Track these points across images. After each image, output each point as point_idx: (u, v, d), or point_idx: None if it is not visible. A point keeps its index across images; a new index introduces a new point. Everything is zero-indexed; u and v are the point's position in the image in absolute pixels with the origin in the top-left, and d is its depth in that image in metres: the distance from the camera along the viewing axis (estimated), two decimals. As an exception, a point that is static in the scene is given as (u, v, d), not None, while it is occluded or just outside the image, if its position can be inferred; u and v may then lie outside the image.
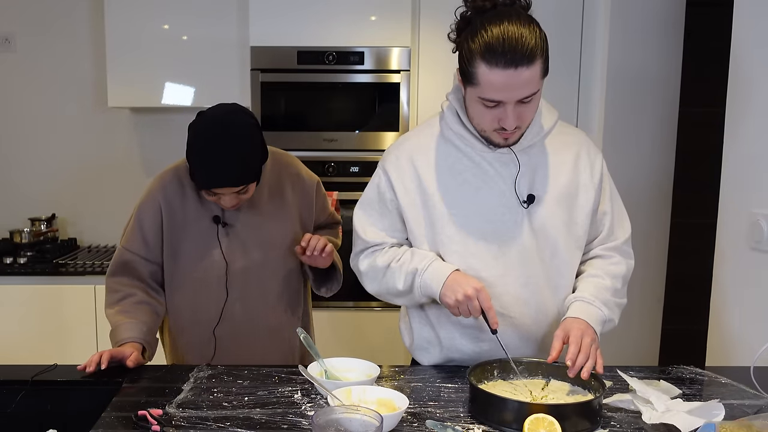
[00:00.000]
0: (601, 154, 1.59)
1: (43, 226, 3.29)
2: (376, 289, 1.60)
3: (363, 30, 2.91)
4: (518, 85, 1.32)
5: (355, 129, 2.97)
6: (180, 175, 1.75)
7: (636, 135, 2.87)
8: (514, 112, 1.37)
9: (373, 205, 1.59)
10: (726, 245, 2.00)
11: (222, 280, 1.74)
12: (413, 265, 1.50)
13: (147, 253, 1.73)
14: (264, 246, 1.77)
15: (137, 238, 1.73)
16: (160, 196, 1.73)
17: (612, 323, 1.51)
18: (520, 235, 1.49)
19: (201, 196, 1.73)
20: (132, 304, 1.69)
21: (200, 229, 1.73)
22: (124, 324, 1.64)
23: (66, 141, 3.40)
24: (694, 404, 1.28)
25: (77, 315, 2.89)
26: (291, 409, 1.33)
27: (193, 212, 1.73)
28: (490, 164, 1.50)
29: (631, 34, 2.80)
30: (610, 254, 1.57)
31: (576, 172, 1.53)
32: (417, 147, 1.55)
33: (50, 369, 1.52)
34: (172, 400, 1.37)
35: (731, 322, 1.97)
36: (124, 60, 3.01)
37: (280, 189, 1.82)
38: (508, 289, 1.50)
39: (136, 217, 1.74)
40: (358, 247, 1.62)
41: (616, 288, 1.53)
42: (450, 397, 1.40)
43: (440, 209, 1.51)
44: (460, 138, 1.51)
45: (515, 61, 1.29)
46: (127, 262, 1.73)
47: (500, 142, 1.46)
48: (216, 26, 3.02)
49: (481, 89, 1.35)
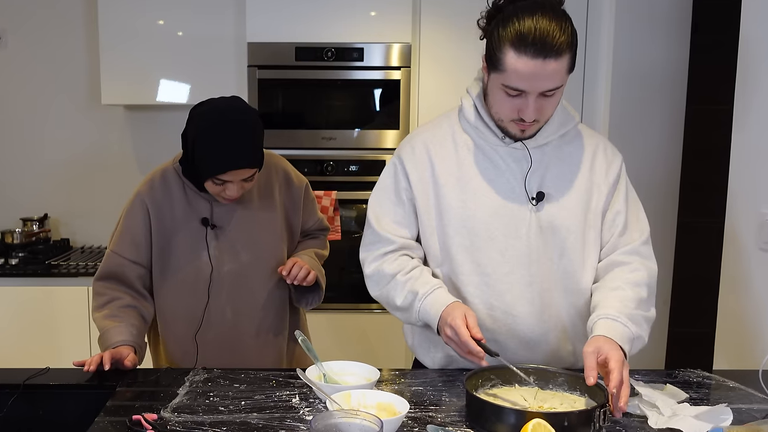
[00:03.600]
0: (622, 157, 1.58)
1: (35, 226, 3.30)
2: (378, 295, 1.61)
3: (363, 25, 2.92)
4: (544, 76, 1.35)
5: (355, 127, 2.97)
6: (167, 177, 1.75)
7: (642, 132, 2.87)
8: (536, 104, 1.39)
9: (388, 194, 1.60)
10: (734, 246, 2.00)
11: (206, 283, 1.75)
12: (417, 286, 1.50)
13: (136, 256, 1.74)
14: (253, 248, 1.78)
15: (126, 241, 1.74)
16: (147, 199, 1.73)
17: (641, 341, 1.43)
18: (527, 233, 1.50)
19: (189, 198, 1.74)
20: (119, 308, 1.70)
21: (189, 231, 1.74)
22: (113, 328, 1.65)
23: (59, 139, 3.40)
24: (702, 409, 1.28)
25: (70, 317, 2.90)
26: (289, 413, 1.33)
27: (181, 214, 1.74)
28: (502, 158, 1.52)
29: (637, 28, 2.80)
30: (628, 260, 1.52)
31: (591, 173, 1.54)
32: (432, 138, 1.58)
33: (42, 372, 1.52)
34: (167, 404, 1.37)
35: (739, 324, 1.97)
36: (118, 56, 3.02)
37: (269, 190, 1.83)
38: (513, 288, 1.51)
39: (124, 220, 1.75)
40: (369, 239, 1.61)
41: (641, 298, 1.47)
42: (451, 402, 1.40)
43: (449, 201, 1.52)
44: (476, 130, 1.54)
45: (544, 52, 1.32)
46: (115, 266, 1.74)
47: (516, 134, 1.48)
48: (212, 22, 3.03)
49: (507, 76, 1.37)
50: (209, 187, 1.68)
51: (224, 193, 1.67)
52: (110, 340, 1.62)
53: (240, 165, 1.62)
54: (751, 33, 1.94)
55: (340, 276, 2.99)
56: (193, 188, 1.74)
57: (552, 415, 1.21)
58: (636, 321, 1.42)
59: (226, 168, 1.61)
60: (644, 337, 1.44)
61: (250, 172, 1.65)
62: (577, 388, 1.39)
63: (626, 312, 1.42)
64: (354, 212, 3.05)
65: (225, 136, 1.61)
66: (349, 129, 2.97)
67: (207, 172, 1.64)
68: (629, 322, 1.40)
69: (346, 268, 2.99)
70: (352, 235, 3.00)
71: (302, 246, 1.93)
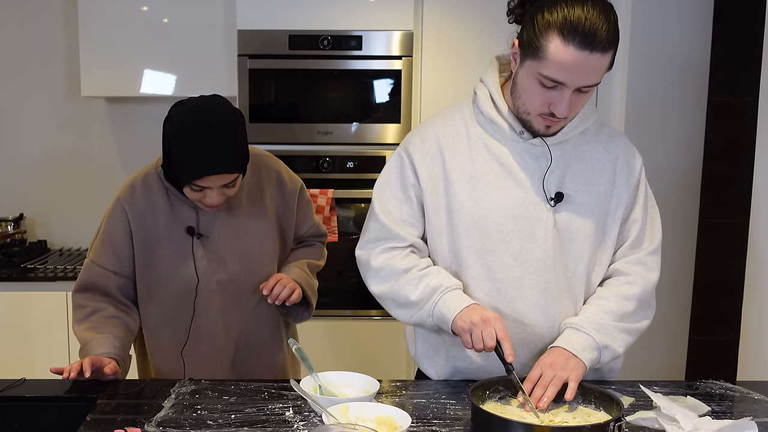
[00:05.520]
0: (641, 159, 1.60)
1: (10, 227, 3.29)
2: (384, 291, 1.58)
3: (361, 12, 2.92)
4: (586, 69, 1.35)
5: (353, 121, 2.97)
6: (149, 182, 1.74)
7: (661, 126, 2.87)
8: (570, 99, 1.39)
9: (393, 190, 1.59)
10: (759, 246, 2.00)
11: (193, 297, 1.74)
12: (439, 281, 1.50)
13: (118, 267, 1.73)
14: (243, 258, 1.77)
15: (106, 252, 1.73)
16: (128, 206, 1.72)
17: (611, 351, 1.48)
18: (544, 236, 1.50)
19: (173, 205, 1.73)
20: (102, 319, 1.69)
21: (173, 241, 1.73)
22: (94, 340, 1.64)
23: (35, 134, 3.40)
24: (725, 422, 1.28)
25: (47, 324, 2.89)
26: (282, 427, 1.33)
27: (164, 222, 1.72)
28: (520, 155, 1.51)
29: (656, 16, 2.80)
30: (628, 270, 1.55)
31: (612, 175, 1.54)
32: (444, 130, 1.57)
33: (18, 384, 1.52)
34: (151, 417, 1.37)
35: (766, 331, 1.97)
36: (99, 45, 3.01)
37: (260, 193, 1.81)
38: (525, 294, 1.51)
39: (104, 229, 1.74)
40: (375, 234, 1.59)
41: (625, 312, 1.51)
42: (456, 415, 1.40)
43: (460, 198, 1.52)
44: (491, 123, 1.53)
45: (592, 44, 1.33)
46: (96, 277, 1.72)
47: (540, 129, 1.48)
48: (200, 8, 3.02)
49: (546, 65, 1.36)
50: (188, 194, 1.66)
51: (204, 200, 1.65)
52: (91, 353, 1.61)
53: (217, 170, 1.58)
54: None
55: (337, 280, 2.99)
56: (176, 194, 1.73)
57: (563, 429, 1.21)
58: (606, 331, 1.48)
59: (201, 173, 1.58)
60: (614, 346, 1.49)
61: (229, 177, 1.61)
62: (591, 401, 1.39)
63: (597, 322, 1.49)
64: (352, 212, 3.05)
65: (201, 138, 1.57)
66: (346, 123, 2.97)
67: (183, 177, 1.62)
68: (594, 332, 1.47)
69: (344, 272, 2.99)
70: (349, 236, 3.00)
71: (294, 255, 1.91)
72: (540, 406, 1.35)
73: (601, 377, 1.62)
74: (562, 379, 1.38)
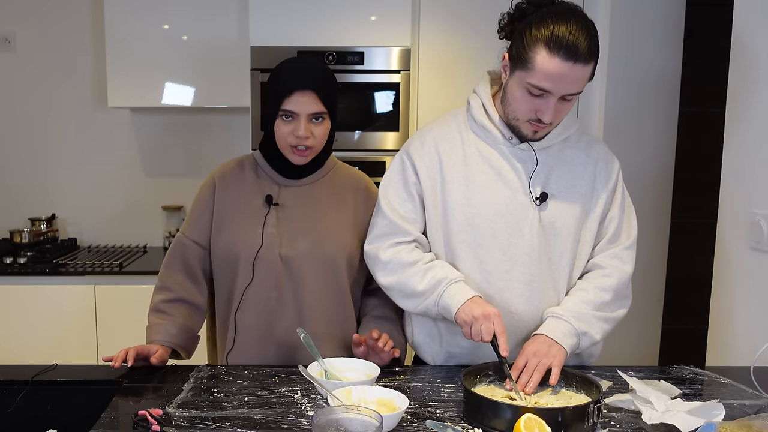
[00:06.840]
0: (618, 163, 1.61)
1: (43, 226, 3.30)
2: (391, 282, 1.57)
3: (363, 30, 2.91)
4: (570, 79, 1.37)
5: (355, 129, 2.97)
6: (243, 162, 1.72)
7: (636, 134, 2.87)
8: (555, 107, 1.41)
9: (397, 189, 1.60)
10: (726, 245, 2.00)
11: (252, 260, 1.62)
12: (444, 273, 1.51)
13: (198, 235, 1.68)
14: (313, 237, 1.64)
15: (191, 221, 1.71)
16: (218, 177, 1.70)
17: (589, 338, 1.49)
18: (530, 232, 1.51)
19: (260, 180, 1.68)
20: (168, 302, 1.66)
21: (251, 207, 1.66)
22: (156, 326, 1.63)
23: (66, 141, 3.40)
24: (694, 404, 1.28)
25: (77, 315, 2.89)
26: (291, 409, 1.33)
27: (248, 192, 1.68)
28: (508, 159, 1.52)
29: (632, 34, 2.80)
30: (605, 264, 1.55)
31: (592, 177, 1.56)
32: (441, 135, 1.59)
33: (50, 369, 1.52)
34: (172, 400, 1.37)
35: (731, 322, 1.97)
36: (124, 60, 3.02)
37: (343, 191, 1.72)
38: (513, 285, 1.52)
39: (194, 200, 1.73)
40: (383, 229, 1.59)
41: (602, 301, 1.52)
42: (450, 397, 1.40)
43: (454, 197, 1.53)
44: (483, 130, 1.55)
45: (576, 56, 1.35)
46: (180, 248, 1.70)
47: (528, 134, 1.49)
48: (216, 26, 3.03)
49: (534, 74, 1.38)
50: (279, 130, 1.58)
51: (297, 133, 1.56)
52: (149, 338, 1.62)
53: (306, 85, 1.54)
54: (742, 39, 1.95)
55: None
56: (266, 172, 1.68)
57: (546, 410, 1.21)
58: (584, 320, 1.49)
59: (293, 86, 1.54)
60: (591, 333, 1.50)
61: (318, 105, 1.55)
62: (573, 384, 1.39)
63: (576, 311, 1.49)
64: (354, 212, 3.04)
65: (293, 61, 1.61)
66: (350, 131, 2.97)
67: (276, 98, 1.56)
68: (573, 320, 1.47)
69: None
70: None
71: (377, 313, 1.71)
72: (526, 391, 1.36)
73: (581, 363, 1.62)
74: (545, 365, 1.39)
